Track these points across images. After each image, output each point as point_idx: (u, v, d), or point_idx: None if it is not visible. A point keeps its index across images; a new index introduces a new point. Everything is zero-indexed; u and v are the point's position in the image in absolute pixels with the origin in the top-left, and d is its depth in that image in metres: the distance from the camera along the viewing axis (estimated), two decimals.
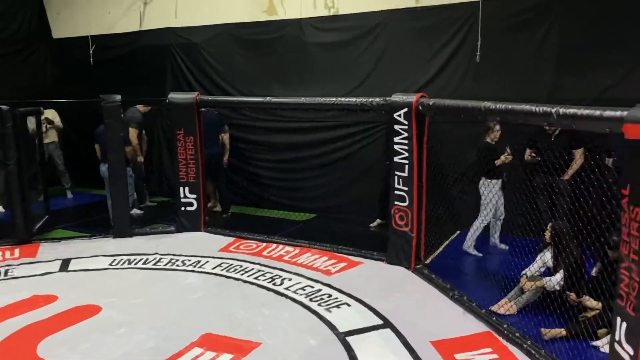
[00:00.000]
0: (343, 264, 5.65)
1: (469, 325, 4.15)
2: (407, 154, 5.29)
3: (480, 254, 5.93)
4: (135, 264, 5.76)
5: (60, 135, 8.98)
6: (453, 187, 6.33)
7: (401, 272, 5.39)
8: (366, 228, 7.00)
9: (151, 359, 3.66)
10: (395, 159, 5.38)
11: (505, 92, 6.02)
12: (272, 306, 4.56)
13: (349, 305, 4.57)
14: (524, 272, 4.58)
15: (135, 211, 7.59)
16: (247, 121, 8.16)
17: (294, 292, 4.88)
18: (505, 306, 4.38)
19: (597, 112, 3.13)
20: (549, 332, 3.90)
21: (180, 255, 5.95)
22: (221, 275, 5.36)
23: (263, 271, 5.44)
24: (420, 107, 5.11)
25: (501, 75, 6.39)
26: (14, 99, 7.53)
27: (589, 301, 4.02)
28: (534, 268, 4.57)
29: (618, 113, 2.94)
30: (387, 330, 4.08)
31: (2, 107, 6.17)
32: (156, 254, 6.03)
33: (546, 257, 4.54)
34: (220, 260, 5.78)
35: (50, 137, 8.64)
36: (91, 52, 9.45)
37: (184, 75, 8.68)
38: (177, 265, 5.66)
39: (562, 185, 5.70)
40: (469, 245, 5.98)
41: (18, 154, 6.29)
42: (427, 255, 5.66)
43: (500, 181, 5.91)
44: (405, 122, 5.23)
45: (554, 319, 4.09)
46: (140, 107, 7.67)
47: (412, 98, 5.19)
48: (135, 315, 4.38)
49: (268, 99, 6.35)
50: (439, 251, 6.02)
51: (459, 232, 6.65)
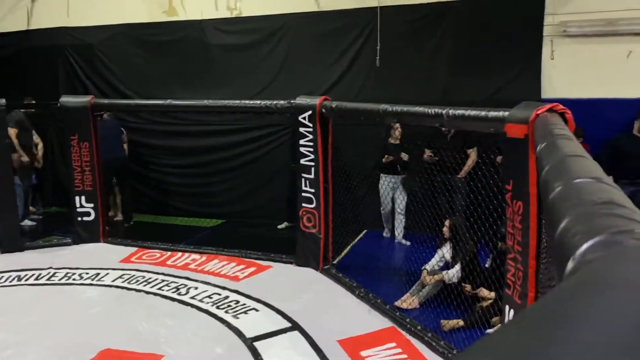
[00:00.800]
0: (252, 269, 5.58)
1: (375, 321, 4.25)
2: (312, 156, 5.34)
3: (409, 242, 6.36)
4: (27, 280, 5.34)
5: None
6: (359, 187, 6.49)
7: (310, 273, 5.42)
8: (275, 232, 6.98)
9: None
10: (302, 161, 5.41)
11: (405, 95, 6.24)
12: (177, 317, 4.41)
13: (257, 310, 4.52)
14: (424, 266, 4.78)
15: (27, 222, 7.05)
16: (148, 125, 7.86)
17: (200, 300, 4.75)
18: (408, 301, 4.53)
19: (483, 113, 3.33)
20: (447, 324, 4.09)
21: (77, 269, 5.59)
22: (122, 288, 5.10)
23: (167, 281, 5.25)
24: (323, 110, 5.18)
25: (400, 79, 6.64)
26: None
27: (482, 291, 4.26)
28: (433, 262, 4.77)
29: (500, 113, 3.15)
30: (295, 333, 4.08)
31: None
32: (50, 268, 5.62)
33: (445, 251, 4.76)
34: (121, 272, 5.50)
35: None
36: None
37: (79, 77, 8.19)
38: (74, 280, 5.31)
39: (458, 183, 6.01)
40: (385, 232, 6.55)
41: None
42: (335, 255, 5.73)
43: (395, 177, 6.28)
44: (310, 125, 5.28)
45: (452, 310, 4.30)
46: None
47: (316, 101, 5.25)
48: (26, 335, 4.05)
49: (169, 101, 6.15)
50: (346, 251, 6.12)
51: (365, 231, 6.82)
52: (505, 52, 6.26)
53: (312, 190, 5.39)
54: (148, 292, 4.96)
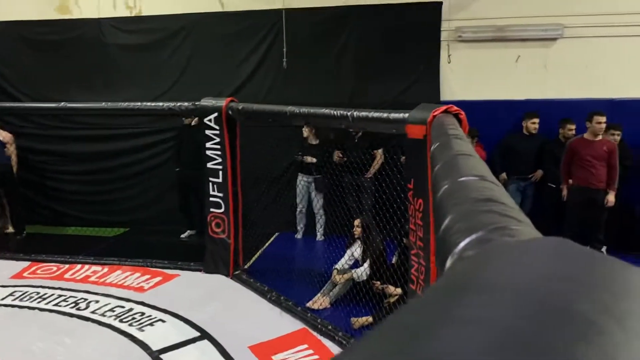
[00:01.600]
0: (158, 279, 5.36)
1: (286, 324, 4.23)
2: (220, 160, 5.22)
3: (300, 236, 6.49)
4: None
5: None
6: (270, 189, 6.45)
7: (220, 280, 5.30)
8: (180, 239, 6.75)
9: None
10: (209, 164, 5.27)
11: (313, 97, 6.29)
12: (76, 333, 4.13)
13: (163, 321, 4.35)
14: (335, 266, 4.83)
15: None
16: (41, 130, 7.31)
17: (102, 315, 4.48)
18: (319, 301, 4.56)
19: (385, 115, 3.41)
20: (357, 321, 4.16)
21: None
22: (13, 306, 4.69)
23: (65, 296, 4.90)
24: (230, 112, 5.08)
25: (308, 81, 6.68)
26: None
27: (389, 288, 4.38)
28: (343, 261, 4.84)
29: (401, 115, 3.24)
30: (205, 342, 3.97)
31: None
32: None
33: (354, 250, 4.84)
34: (13, 289, 5.06)
35: None
36: None
37: None
38: None
39: (365, 182, 6.14)
40: (297, 233, 6.66)
41: None
42: (246, 260, 5.65)
43: (310, 177, 6.35)
44: (217, 127, 5.16)
45: (362, 307, 4.37)
46: None
47: (222, 102, 5.14)
48: None
49: (63, 104, 5.76)
50: (257, 255, 6.06)
51: (277, 233, 6.79)
52: (406, 56, 6.49)
53: (221, 195, 5.28)
54: (43, 309, 4.61)
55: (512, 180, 6.15)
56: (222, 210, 5.30)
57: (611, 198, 5.41)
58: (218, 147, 5.19)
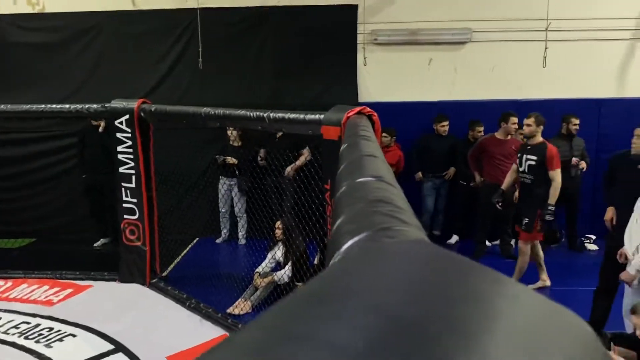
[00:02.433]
0: (68, 291, 5.07)
1: (206, 332, 4.14)
2: (133, 164, 5.02)
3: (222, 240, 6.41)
4: None
5: None
6: (189, 193, 6.28)
7: (136, 289, 5.09)
8: (94, 248, 6.41)
9: None
10: (121, 169, 5.05)
11: (231, 98, 6.20)
12: None
13: (74, 336, 4.12)
14: (257, 270, 4.77)
15: None
16: None
17: (5, 332, 4.17)
18: (240, 306, 4.49)
19: (301, 116, 3.41)
20: None
21: None
22: None
23: None
24: (142, 114, 4.90)
25: (226, 82, 6.57)
26: None
27: None
28: (265, 265, 4.79)
29: (317, 116, 3.26)
30: (120, 355, 3.80)
31: None
32: None
33: (276, 253, 4.81)
34: None
35: None
36: None
37: None
38: None
39: (284, 184, 6.11)
40: (219, 238, 6.56)
41: None
42: (164, 267, 5.46)
43: (232, 179, 6.26)
44: (128, 130, 4.95)
45: None
46: None
47: (134, 104, 4.94)
48: None
49: None
50: (176, 261, 5.88)
51: (197, 239, 6.62)
52: (324, 58, 6.55)
53: (135, 200, 5.07)
54: None
55: (427, 178, 6.37)
56: (137, 216, 5.09)
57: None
58: (130, 150, 4.98)
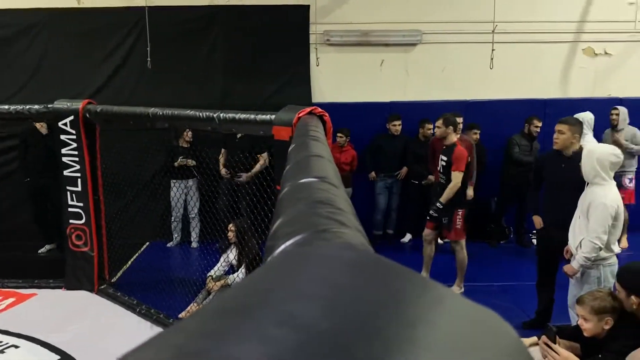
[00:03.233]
0: (10, 300, 4.83)
1: None
2: (78, 166, 4.84)
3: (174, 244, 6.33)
4: None
5: None
6: (139, 196, 6.12)
7: (83, 296, 4.91)
8: (38, 255, 6.15)
9: None
10: (65, 172, 4.87)
11: (182, 98, 6.08)
12: None
13: (16, 347, 3.93)
14: (209, 273, 4.69)
15: None
16: None
17: None
18: (193, 311, 4.39)
19: (252, 116, 3.37)
20: None
21: None
22: None
23: None
24: (87, 115, 4.73)
25: (176, 82, 6.44)
26: None
27: None
28: (218, 268, 4.71)
29: (268, 117, 3.22)
30: None
31: None
32: None
33: (229, 256, 4.74)
34: None
35: None
36: None
37: None
38: None
39: (234, 186, 6.01)
40: (170, 243, 6.41)
41: None
42: (113, 273, 5.30)
43: (186, 181, 6.14)
44: (73, 132, 4.78)
45: None
46: None
47: (79, 105, 4.77)
48: None
49: None
50: (126, 267, 5.71)
51: (148, 243, 6.46)
52: (277, 58, 6.52)
53: (81, 204, 4.89)
54: None
55: (380, 177, 6.43)
56: (83, 221, 4.91)
57: (470, 192, 5.84)
58: (75, 153, 4.81)
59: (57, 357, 3.77)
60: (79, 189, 4.88)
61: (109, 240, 5.13)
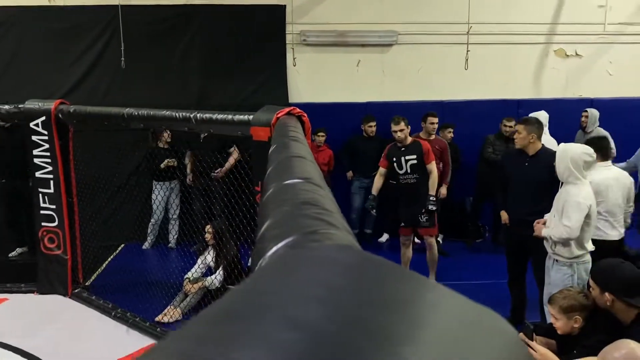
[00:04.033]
0: None
1: (133, 342, 3.97)
2: (51, 168, 4.75)
3: (149, 247, 6.22)
4: None
5: None
6: (114, 198, 6.01)
7: (56, 300, 4.82)
8: (8, 258, 5.99)
9: None
10: (37, 174, 4.77)
11: (158, 99, 5.98)
12: None
13: None
14: (186, 276, 4.64)
15: None
16: None
17: None
18: (170, 313, 4.35)
19: (230, 117, 3.35)
20: None
21: None
22: None
23: None
24: (60, 115, 4.64)
25: (152, 82, 6.35)
26: None
27: None
28: (195, 270, 4.67)
29: (245, 117, 3.21)
30: None
31: None
32: None
33: (207, 257, 4.69)
34: None
35: None
36: None
37: None
38: None
39: (213, 186, 5.95)
40: (145, 244, 6.25)
41: None
42: (87, 276, 5.20)
43: (169, 183, 6.04)
44: (45, 132, 4.68)
45: None
46: None
47: (51, 105, 4.68)
48: None
49: None
50: (100, 269, 5.61)
51: (123, 245, 6.36)
52: (253, 58, 6.48)
53: (53, 207, 4.79)
54: None
55: (355, 177, 6.45)
56: (56, 223, 4.82)
57: (443, 191, 5.90)
58: (47, 154, 4.71)
59: None
60: (52, 190, 4.79)
61: (83, 243, 5.03)
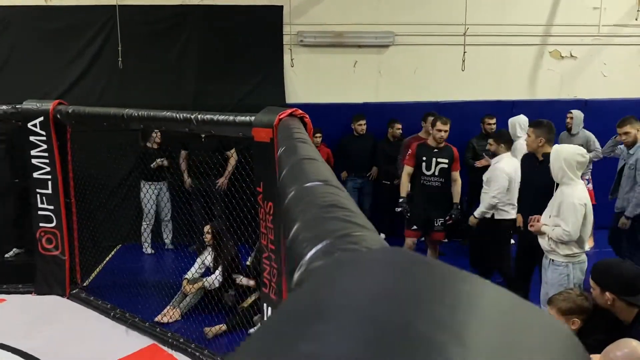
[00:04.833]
0: None
1: (133, 342, 3.97)
2: (49, 168, 4.74)
3: (152, 251, 6.14)
4: None
5: None
6: (111, 199, 6.00)
7: (54, 301, 4.81)
8: (5, 259, 5.96)
9: None
10: (35, 174, 4.76)
11: (154, 99, 5.98)
12: None
13: None
14: (185, 276, 4.65)
15: None
16: None
17: None
18: (169, 314, 4.35)
19: (231, 118, 3.37)
20: (210, 331, 4.04)
21: None
22: None
23: None
24: (58, 116, 4.63)
25: (148, 82, 6.34)
26: None
27: (241, 280, 4.35)
28: (193, 270, 4.67)
29: (247, 118, 3.22)
30: None
31: None
32: None
33: (205, 258, 4.70)
34: None
35: None
36: None
37: None
38: None
39: (215, 186, 5.96)
40: (145, 247, 6.17)
41: None
42: (85, 277, 5.19)
43: (159, 184, 5.98)
44: (43, 133, 4.67)
45: (215, 316, 4.26)
46: None
47: (49, 105, 4.67)
48: None
49: None
50: (98, 270, 5.60)
51: (120, 245, 6.35)
52: (249, 58, 6.48)
53: (51, 207, 4.78)
54: None
55: (349, 178, 6.47)
56: (54, 224, 4.81)
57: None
58: (45, 154, 4.70)
59: None
60: (50, 191, 4.78)
61: (80, 244, 5.02)
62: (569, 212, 3.41)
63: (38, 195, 4.78)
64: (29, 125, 4.65)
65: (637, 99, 6.79)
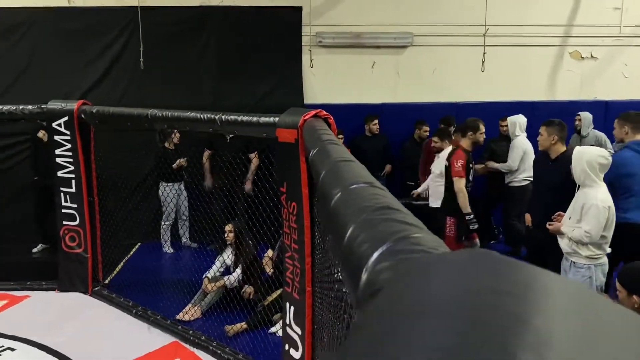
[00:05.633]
0: (3, 302, 4.78)
1: (155, 339, 4.02)
2: (72, 167, 4.81)
3: (172, 250, 6.21)
4: None
5: None
6: (131, 198, 6.07)
7: (77, 298, 4.88)
8: (30, 256, 6.08)
9: None
10: (59, 173, 4.83)
11: (174, 100, 6.05)
12: None
13: (12, 350, 3.89)
14: (205, 274, 4.69)
15: None
16: None
17: None
18: (190, 312, 4.40)
19: (255, 119, 3.39)
20: (232, 329, 4.08)
21: None
22: None
23: None
24: (82, 115, 4.70)
25: (168, 83, 6.41)
26: None
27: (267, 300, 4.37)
28: (214, 269, 4.72)
29: (271, 119, 3.24)
30: None
31: None
32: None
33: (225, 257, 4.74)
34: None
35: None
36: None
37: None
38: None
39: (238, 187, 5.99)
40: (165, 247, 6.24)
41: None
42: (107, 274, 5.27)
43: (178, 184, 6.04)
44: (67, 132, 4.74)
45: (236, 314, 4.30)
46: None
47: (73, 105, 4.74)
48: None
49: None
50: (119, 267, 5.68)
51: (140, 244, 6.42)
52: (268, 59, 6.52)
53: (75, 206, 4.86)
54: None
55: None
56: (77, 222, 4.88)
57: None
58: (69, 154, 4.77)
59: (54, 359, 3.74)
60: (73, 190, 4.85)
61: (102, 241, 5.09)
62: (591, 214, 3.38)
63: (62, 194, 4.86)
64: (54, 125, 4.73)
65: None
